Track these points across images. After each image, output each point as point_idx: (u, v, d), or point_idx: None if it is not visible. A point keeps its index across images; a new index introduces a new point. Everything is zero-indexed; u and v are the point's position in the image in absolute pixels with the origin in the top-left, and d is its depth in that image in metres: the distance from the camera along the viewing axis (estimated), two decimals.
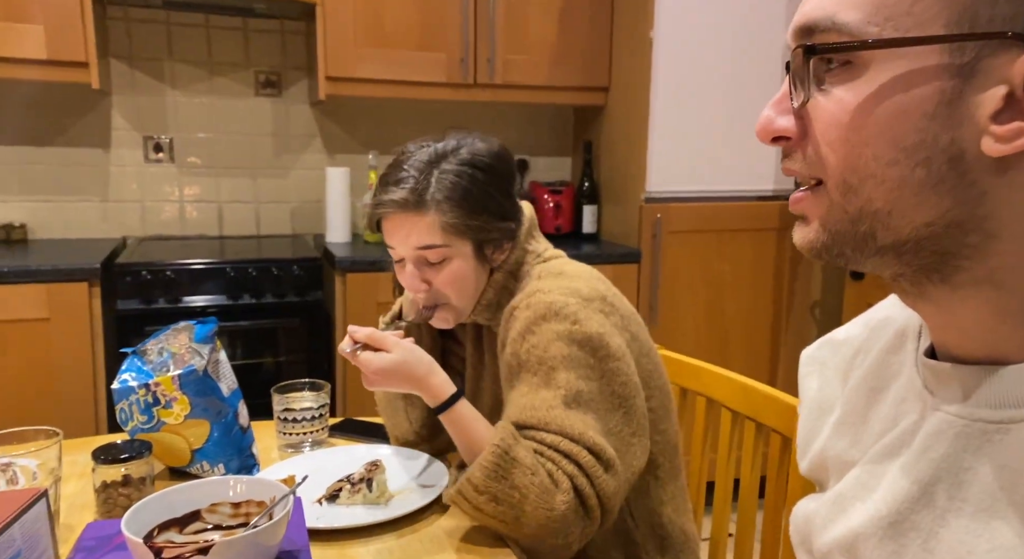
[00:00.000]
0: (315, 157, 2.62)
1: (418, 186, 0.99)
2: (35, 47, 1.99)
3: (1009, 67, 0.40)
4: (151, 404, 1.03)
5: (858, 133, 0.44)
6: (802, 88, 0.46)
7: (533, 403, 0.93)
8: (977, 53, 0.40)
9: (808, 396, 0.65)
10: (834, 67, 0.44)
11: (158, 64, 2.43)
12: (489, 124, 2.76)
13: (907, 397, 0.53)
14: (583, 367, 0.94)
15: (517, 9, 2.38)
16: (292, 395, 1.23)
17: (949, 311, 0.47)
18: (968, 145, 0.42)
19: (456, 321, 1.09)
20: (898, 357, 0.56)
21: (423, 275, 1.03)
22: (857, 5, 0.43)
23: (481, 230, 1.01)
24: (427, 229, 1.00)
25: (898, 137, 0.43)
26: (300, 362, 2.20)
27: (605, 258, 2.36)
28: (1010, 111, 0.41)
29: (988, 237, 0.43)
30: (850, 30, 0.43)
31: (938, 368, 0.49)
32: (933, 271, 0.46)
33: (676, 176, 2.39)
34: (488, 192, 1.02)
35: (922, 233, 0.44)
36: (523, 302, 0.98)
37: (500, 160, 1.05)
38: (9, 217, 2.34)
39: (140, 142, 2.45)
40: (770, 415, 1.06)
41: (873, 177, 0.44)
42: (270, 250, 2.34)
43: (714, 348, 2.48)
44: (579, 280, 1.01)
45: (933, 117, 0.42)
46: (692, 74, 2.34)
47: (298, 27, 2.54)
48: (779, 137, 0.48)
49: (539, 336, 0.95)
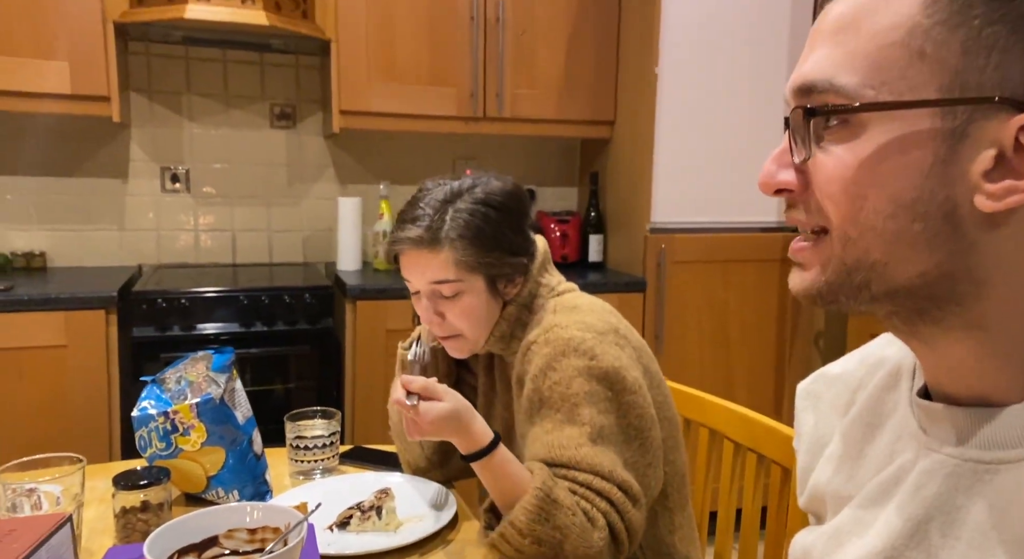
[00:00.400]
0: (327, 187, 2.68)
1: (433, 224, 1.03)
2: (60, 82, 2.06)
3: (999, 129, 0.43)
4: (169, 431, 1.06)
5: (858, 189, 0.46)
6: (803, 146, 0.48)
7: (561, 441, 0.95)
8: (968, 116, 0.43)
9: (804, 431, 0.67)
10: (833, 126, 0.47)
11: (176, 97, 2.50)
12: (497, 155, 2.82)
13: (902, 435, 0.55)
14: (603, 401, 0.97)
15: (525, 45, 2.45)
16: (304, 423, 1.26)
17: (940, 350, 0.49)
18: (962, 201, 0.44)
19: (470, 352, 1.12)
20: (893, 395, 0.58)
21: (437, 308, 1.07)
22: (854, 69, 0.45)
23: (493, 266, 1.05)
24: (441, 265, 1.03)
25: (896, 193, 0.45)
26: (310, 389, 2.23)
27: (611, 287, 2.39)
28: (1001, 170, 0.43)
29: (978, 285, 0.46)
30: (848, 93, 0.45)
31: (931, 409, 0.51)
32: (925, 313, 0.48)
33: (680, 207, 2.43)
34: (500, 230, 1.05)
35: (915, 282, 0.46)
36: (541, 337, 1.01)
37: (513, 198, 1.09)
38: (29, 245, 2.40)
39: (157, 172, 2.51)
40: (771, 447, 1.08)
41: (872, 229, 0.46)
42: (282, 278, 2.39)
43: (719, 378, 2.50)
44: (593, 314, 1.04)
45: (929, 175, 0.44)
46: (696, 109, 2.39)
47: (313, 62, 2.61)
48: (781, 189, 0.51)
49: (560, 372, 0.98)
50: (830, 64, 0.47)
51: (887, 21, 0.45)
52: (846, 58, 0.46)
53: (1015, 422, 0.47)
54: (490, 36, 2.40)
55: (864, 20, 0.46)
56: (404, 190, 2.73)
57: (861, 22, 0.46)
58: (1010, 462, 0.46)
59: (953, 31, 0.43)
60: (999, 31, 0.42)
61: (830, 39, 0.47)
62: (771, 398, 2.56)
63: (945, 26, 0.43)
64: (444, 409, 0.95)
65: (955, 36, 0.43)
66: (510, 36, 2.42)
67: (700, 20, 2.35)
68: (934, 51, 0.43)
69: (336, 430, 1.26)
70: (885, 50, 0.45)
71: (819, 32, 0.49)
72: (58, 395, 1.96)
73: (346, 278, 2.30)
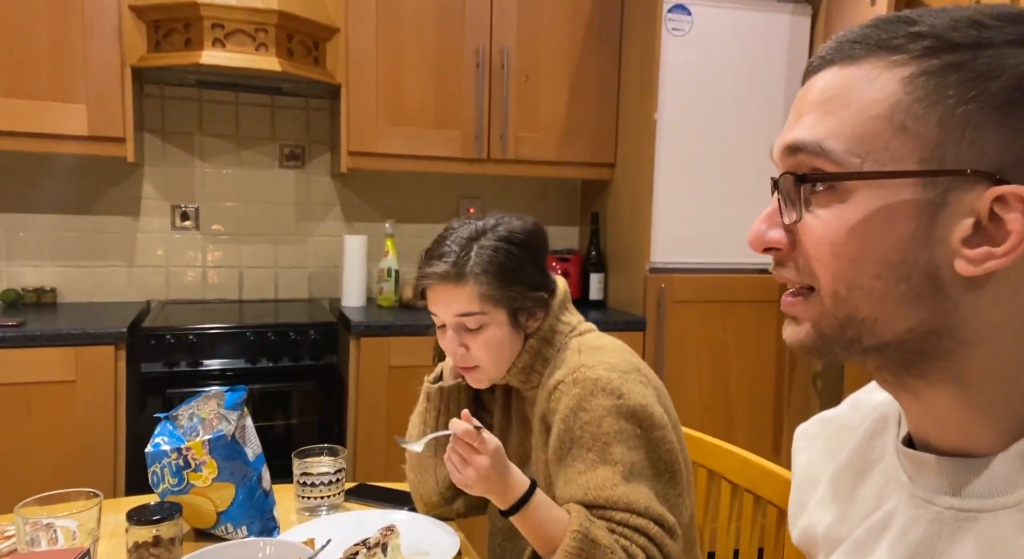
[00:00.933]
0: (334, 225, 2.74)
1: (459, 260, 1.08)
2: (77, 124, 2.13)
3: (975, 200, 0.46)
4: (182, 467, 1.09)
5: (846, 250, 0.49)
6: (793, 208, 0.51)
7: (596, 482, 0.98)
8: (947, 187, 0.46)
9: (798, 470, 0.70)
10: (820, 191, 0.50)
11: (189, 137, 2.57)
12: (500, 195, 2.88)
13: (889, 481, 0.57)
14: (632, 438, 1.00)
15: (528, 90, 2.53)
16: (310, 460, 1.29)
17: (925, 402, 0.52)
18: (943, 265, 0.47)
19: (490, 381, 1.15)
20: (881, 442, 0.60)
21: (462, 340, 1.11)
22: (841, 136, 0.49)
23: (515, 299, 1.09)
24: (466, 298, 1.08)
25: (882, 255, 0.48)
26: (313, 425, 2.25)
27: (611, 326, 2.43)
28: (978, 237, 0.46)
29: (961, 343, 0.48)
30: (835, 158, 0.49)
31: (915, 457, 0.54)
32: (912, 366, 0.51)
33: (679, 247, 2.48)
34: (522, 265, 1.10)
35: (903, 338, 0.49)
36: (569, 378, 1.05)
37: (533, 236, 1.14)
38: (41, 281, 2.44)
39: (168, 210, 2.57)
40: (767, 488, 1.11)
41: (860, 289, 0.49)
42: (287, 314, 2.43)
43: (719, 418, 2.52)
44: (616, 355, 1.08)
45: (912, 239, 0.47)
46: (694, 152, 2.46)
47: (322, 104, 2.69)
48: (770, 248, 0.53)
49: (590, 413, 1.01)
50: (819, 129, 0.50)
51: (871, 96, 0.48)
52: (834, 126, 0.49)
53: (993, 473, 0.49)
54: (495, 82, 2.48)
55: (850, 93, 0.49)
56: (409, 228, 2.79)
57: (847, 94, 0.49)
58: (989, 511, 0.49)
59: (930, 108, 0.46)
60: (972, 110, 0.45)
61: (817, 108, 0.51)
62: (770, 438, 2.57)
63: (923, 103, 0.46)
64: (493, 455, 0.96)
65: (932, 113, 0.46)
66: (514, 82, 2.50)
67: (698, 69, 2.43)
68: (914, 126, 0.47)
69: (342, 467, 1.29)
70: (870, 122, 0.48)
71: (804, 101, 0.52)
72: (66, 430, 1.99)
73: (350, 314, 2.34)
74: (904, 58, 0.48)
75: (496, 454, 0.96)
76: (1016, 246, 0.45)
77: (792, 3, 2.50)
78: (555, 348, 1.13)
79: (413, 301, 2.54)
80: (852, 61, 0.50)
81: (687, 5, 2.40)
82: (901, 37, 0.48)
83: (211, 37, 2.10)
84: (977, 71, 0.45)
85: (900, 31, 0.48)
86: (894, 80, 0.47)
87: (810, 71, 0.53)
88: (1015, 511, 0.48)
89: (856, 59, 0.50)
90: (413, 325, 2.27)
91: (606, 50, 2.59)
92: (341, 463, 1.29)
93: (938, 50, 0.47)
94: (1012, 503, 0.48)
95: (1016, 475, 0.49)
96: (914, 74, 0.47)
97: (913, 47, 0.47)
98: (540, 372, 1.12)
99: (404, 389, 2.21)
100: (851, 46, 0.50)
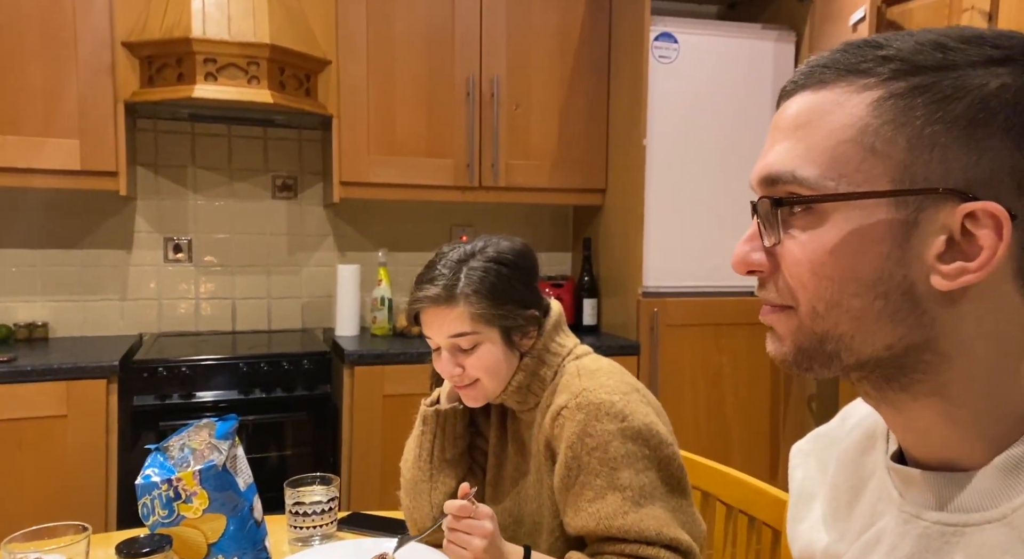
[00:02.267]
0: (327, 255, 2.75)
1: (449, 282, 1.09)
2: (70, 159, 2.14)
3: (947, 217, 0.47)
4: (172, 499, 1.08)
5: (824, 270, 0.50)
6: (772, 231, 0.52)
7: (607, 511, 0.99)
8: (919, 205, 0.47)
9: (794, 487, 0.70)
10: (797, 213, 0.51)
11: (181, 170, 2.59)
12: (492, 222, 2.90)
13: (881, 497, 0.58)
14: (641, 460, 1.01)
15: (519, 119, 2.56)
16: (303, 489, 1.28)
17: (908, 416, 0.53)
18: (919, 281, 0.48)
19: (487, 399, 1.15)
20: (871, 458, 0.61)
21: (457, 360, 1.11)
22: (815, 162, 0.50)
23: (507, 318, 1.10)
24: (458, 319, 1.09)
25: (859, 274, 0.49)
26: (306, 455, 2.24)
27: (605, 350, 2.40)
28: (952, 253, 0.47)
29: (940, 356, 0.49)
30: (810, 184, 0.50)
31: (903, 473, 0.55)
32: (893, 380, 0.51)
33: (671, 271, 2.49)
34: (511, 284, 1.11)
35: (882, 354, 0.50)
36: (572, 403, 1.05)
37: (521, 256, 1.15)
38: (32, 316, 2.43)
39: (161, 243, 2.57)
40: (761, 508, 1.10)
41: (838, 306, 0.50)
42: (280, 344, 2.42)
43: (716, 440, 2.51)
44: (614, 376, 1.09)
45: (888, 257, 0.48)
46: (683, 177, 2.48)
47: (314, 135, 2.71)
48: (753, 270, 0.54)
49: (596, 438, 1.01)
50: (792, 157, 0.51)
51: (841, 120, 0.49)
52: (806, 152, 0.50)
53: (978, 487, 0.50)
54: (485, 111, 2.51)
55: (820, 118, 0.50)
56: (402, 257, 2.80)
57: (817, 120, 0.50)
58: (974, 525, 0.49)
59: (899, 130, 0.47)
60: (939, 130, 0.46)
61: (790, 135, 0.52)
62: (767, 461, 2.56)
63: (891, 125, 0.48)
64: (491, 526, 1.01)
65: (901, 134, 0.47)
66: (504, 110, 2.53)
67: (685, 95, 2.47)
68: (883, 148, 0.48)
69: (335, 496, 1.28)
70: (841, 146, 0.49)
71: (778, 128, 0.54)
72: (57, 465, 1.97)
73: (344, 344, 2.33)
74: (872, 81, 0.49)
75: (492, 521, 0.99)
76: (988, 260, 0.46)
77: (776, 30, 2.55)
78: (552, 370, 1.13)
79: (408, 328, 2.54)
80: (823, 85, 0.51)
81: (673, 33, 2.44)
82: (869, 61, 0.49)
83: (203, 71, 2.13)
84: (942, 92, 0.47)
85: (868, 55, 0.49)
86: (863, 104, 0.49)
87: (783, 96, 0.54)
88: (1001, 524, 0.48)
89: (826, 84, 0.51)
90: (407, 353, 2.26)
91: (595, 77, 2.63)
92: (334, 492, 1.28)
93: (904, 73, 0.48)
94: (998, 516, 0.48)
95: (1000, 488, 0.49)
96: (882, 97, 0.48)
97: (881, 70, 0.49)
98: (537, 393, 1.12)
99: (398, 417, 2.20)
100: (821, 71, 0.51)
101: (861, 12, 2.10)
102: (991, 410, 0.50)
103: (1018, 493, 0.48)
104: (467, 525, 1.00)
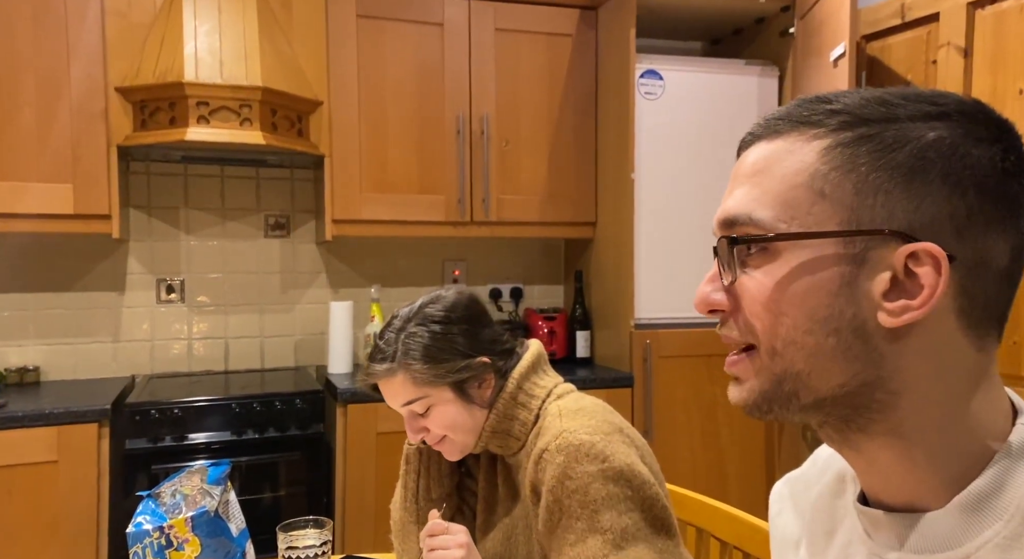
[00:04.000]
0: (320, 292, 2.75)
1: (388, 354, 1.12)
2: (63, 203, 2.16)
3: (891, 256, 0.49)
4: (164, 546, 1.07)
5: (778, 306, 0.52)
6: (729, 270, 0.55)
7: (587, 555, 0.97)
8: (865, 245, 0.50)
9: (776, 533, 0.71)
10: (753, 253, 0.53)
11: (174, 212, 2.60)
12: (485, 256, 2.92)
13: (852, 539, 0.58)
14: (623, 501, 0.99)
15: (509, 155, 2.59)
16: (295, 533, 1.26)
17: (869, 457, 0.54)
18: (868, 317, 0.50)
19: (461, 453, 1.15)
20: (842, 501, 0.62)
21: (418, 424, 1.14)
22: (769, 205, 0.53)
23: (450, 373, 1.11)
24: (402, 387, 1.11)
25: (811, 310, 0.51)
26: (300, 495, 2.22)
27: (599, 383, 2.43)
28: (896, 291, 0.49)
29: (891, 394, 0.51)
30: (764, 225, 0.53)
31: (870, 515, 0.56)
32: (851, 421, 0.52)
33: (663, 303, 2.51)
34: (449, 340, 1.12)
35: (837, 392, 0.51)
36: (552, 445, 1.04)
37: (457, 308, 1.15)
38: (23, 360, 2.43)
39: (153, 284, 2.58)
40: (756, 545, 1.10)
41: (794, 343, 0.52)
42: (274, 384, 2.41)
43: (711, 473, 2.50)
44: (596, 416, 1.08)
45: (837, 295, 0.50)
46: (672, 210, 2.51)
47: (307, 174, 2.74)
48: (715, 309, 0.57)
49: (576, 480, 1.00)
50: (748, 201, 0.54)
51: (793, 167, 0.52)
52: (762, 196, 0.53)
53: (937, 528, 0.51)
54: (476, 148, 2.54)
55: (775, 165, 0.53)
56: (395, 292, 2.80)
57: (772, 167, 0.53)
58: None
59: (846, 175, 0.50)
60: (881, 177, 0.50)
61: (748, 180, 0.55)
62: (763, 494, 2.55)
63: (839, 171, 0.51)
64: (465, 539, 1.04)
65: (848, 180, 0.50)
66: (494, 147, 2.57)
67: (671, 130, 2.51)
68: (832, 192, 0.51)
69: (328, 539, 1.27)
70: (792, 191, 0.52)
71: (738, 175, 0.57)
72: (47, 512, 1.94)
73: (337, 381, 2.33)
74: (822, 131, 0.52)
75: (466, 534, 1.02)
76: (929, 298, 0.48)
77: (760, 65, 2.61)
78: (532, 412, 1.13)
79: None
80: (777, 135, 0.54)
81: (659, 70, 2.49)
82: (819, 113, 0.53)
83: (196, 114, 2.16)
84: (885, 142, 0.50)
85: (818, 109, 0.53)
86: (813, 151, 0.52)
87: (742, 147, 0.58)
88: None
89: (781, 133, 0.54)
90: None
91: (582, 114, 2.67)
92: (327, 535, 1.27)
93: (851, 124, 0.51)
94: (961, 556, 0.49)
95: (962, 527, 0.50)
96: (831, 145, 0.51)
97: (829, 122, 0.52)
98: (519, 437, 1.12)
99: (392, 455, 2.19)
100: (776, 122, 0.55)
101: (841, 48, 2.15)
102: (946, 448, 0.51)
103: (979, 532, 0.49)
104: (442, 541, 1.02)
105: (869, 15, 2.38)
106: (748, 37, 2.83)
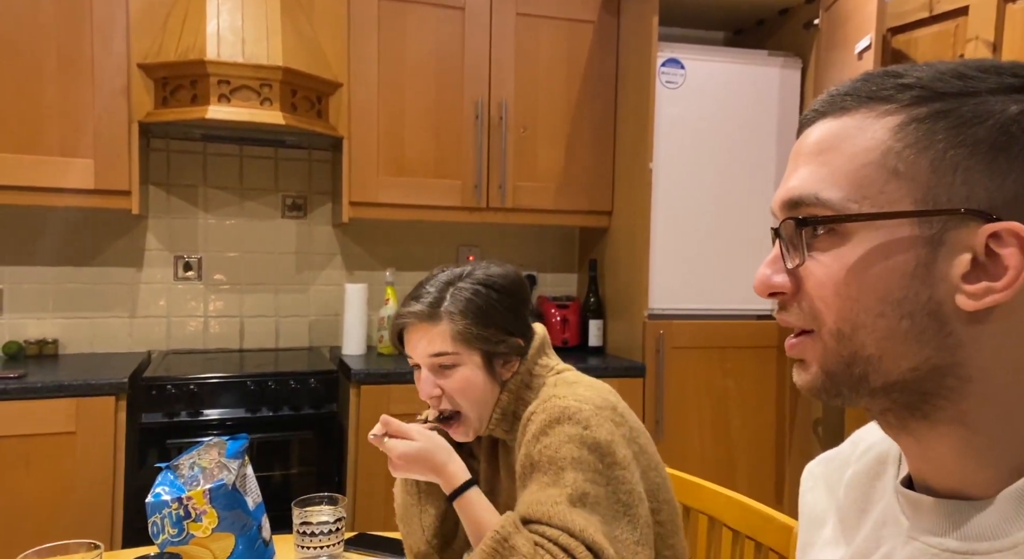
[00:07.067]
0: (335, 273, 2.77)
1: (434, 300, 1.11)
2: (84, 178, 2.17)
3: (971, 237, 0.47)
4: (182, 517, 1.09)
5: (849, 290, 0.50)
6: (795, 253, 0.52)
7: (539, 499, 0.97)
8: (943, 225, 0.48)
9: (805, 509, 0.71)
10: (821, 234, 0.51)
11: (193, 190, 2.62)
12: (499, 242, 2.92)
13: (887, 522, 0.58)
14: (591, 471, 0.99)
15: (526, 142, 2.59)
16: (311, 509, 1.28)
17: (927, 445, 0.53)
18: (945, 300, 0.48)
19: (475, 432, 1.16)
20: (881, 482, 0.61)
21: (436, 380, 1.12)
22: (838, 185, 0.51)
23: (489, 341, 1.10)
24: (439, 337, 1.10)
25: (884, 294, 0.49)
26: (311, 474, 2.24)
27: (611, 372, 2.43)
28: (977, 272, 0.47)
29: (962, 381, 0.49)
30: (833, 206, 0.50)
31: (913, 499, 0.55)
32: (916, 408, 0.51)
33: (677, 294, 2.50)
34: (497, 309, 1.12)
35: (908, 376, 0.50)
36: (539, 407, 1.05)
37: (511, 283, 1.16)
38: (43, 333, 2.46)
39: (171, 261, 2.60)
40: (768, 534, 1.10)
41: (864, 327, 0.50)
42: (288, 363, 2.43)
43: (720, 464, 2.50)
44: (591, 390, 1.08)
45: (913, 277, 0.48)
46: (689, 200, 2.50)
47: (324, 156, 2.75)
48: (775, 292, 0.55)
49: (552, 438, 1.00)
50: (815, 180, 0.52)
51: (863, 144, 0.50)
52: (829, 176, 0.51)
53: (990, 516, 0.50)
54: (493, 134, 2.54)
55: (843, 143, 0.51)
56: (409, 276, 2.81)
57: (840, 144, 0.51)
58: (983, 554, 0.50)
59: (921, 153, 0.48)
60: (961, 153, 0.47)
61: (813, 159, 0.52)
62: (772, 485, 2.55)
63: (914, 149, 0.49)
64: (411, 446, 1.07)
65: (924, 157, 0.48)
66: (512, 133, 2.56)
67: (691, 120, 2.49)
68: (906, 170, 0.49)
69: (342, 516, 1.28)
70: (863, 169, 0.50)
71: (801, 153, 0.54)
72: (64, 482, 1.97)
73: (350, 362, 2.34)
74: (893, 107, 0.50)
75: (407, 452, 1.06)
76: (1014, 280, 0.46)
77: (782, 57, 2.58)
78: (535, 392, 1.13)
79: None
80: (844, 112, 0.52)
81: (680, 59, 2.48)
82: (890, 88, 0.51)
83: (217, 93, 2.17)
84: (963, 118, 0.48)
85: (889, 83, 0.51)
86: (884, 128, 0.50)
87: (804, 124, 0.55)
88: (1012, 554, 0.48)
89: (848, 110, 0.52)
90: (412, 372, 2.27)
91: (602, 102, 2.66)
92: (341, 512, 1.28)
93: (925, 99, 0.49)
94: (1010, 546, 0.49)
95: (1012, 518, 0.49)
96: (904, 122, 0.49)
97: (902, 97, 0.50)
98: (521, 418, 1.12)
99: None
100: (842, 98, 0.53)
101: (867, 40, 2.13)
102: (1008, 439, 0.50)
103: None
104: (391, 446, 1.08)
105: (896, 7, 2.35)
106: (771, 28, 2.81)
